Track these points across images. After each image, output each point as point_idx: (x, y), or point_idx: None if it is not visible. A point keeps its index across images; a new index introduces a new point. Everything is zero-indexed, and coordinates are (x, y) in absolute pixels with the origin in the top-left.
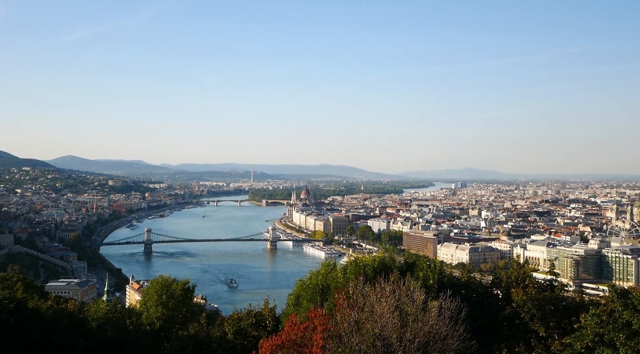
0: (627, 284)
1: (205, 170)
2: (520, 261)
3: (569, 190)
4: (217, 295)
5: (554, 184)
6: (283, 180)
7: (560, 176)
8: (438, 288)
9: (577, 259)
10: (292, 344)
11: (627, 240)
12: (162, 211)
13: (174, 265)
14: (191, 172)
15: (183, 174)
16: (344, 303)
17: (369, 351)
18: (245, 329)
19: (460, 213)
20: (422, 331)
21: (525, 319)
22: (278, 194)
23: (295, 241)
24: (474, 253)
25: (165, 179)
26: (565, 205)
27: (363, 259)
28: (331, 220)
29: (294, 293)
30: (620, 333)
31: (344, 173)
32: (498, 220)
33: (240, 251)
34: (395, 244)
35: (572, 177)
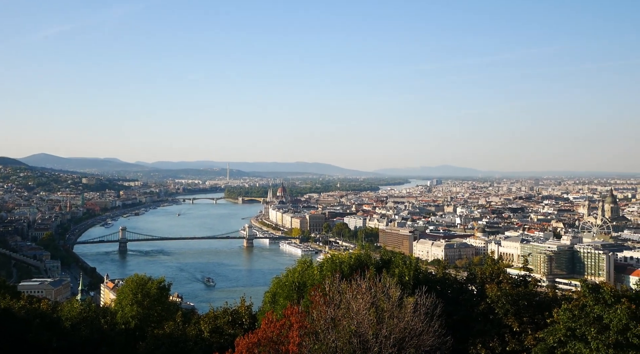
0: (599, 279)
1: (181, 167)
2: (494, 257)
3: (542, 186)
4: (194, 293)
5: (527, 181)
6: (259, 177)
7: (534, 173)
8: (414, 285)
9: (550, 255)
10: (269, 342)
11: (598, 236)
12: (137, 209)
13: (149, 264)
14: (166, 170)
15: (158, 172)
16: (320, 300)
17: (345, 347)
18: (222, 327)
19: (436, 210)
20: (398, 327)
21: (500, 314)
22: (254, 192)
23: (271, 239)
24: (449, 250)
25: (140, 177)
26: (538, 201)
27: (339, 256)
28: (307, 218)
29: (270, 290)
30: (592, 327)
31: (321, 170)
32: (473, 217)
33: (216, 249)
34: (372, 241)
35: (546, 174)
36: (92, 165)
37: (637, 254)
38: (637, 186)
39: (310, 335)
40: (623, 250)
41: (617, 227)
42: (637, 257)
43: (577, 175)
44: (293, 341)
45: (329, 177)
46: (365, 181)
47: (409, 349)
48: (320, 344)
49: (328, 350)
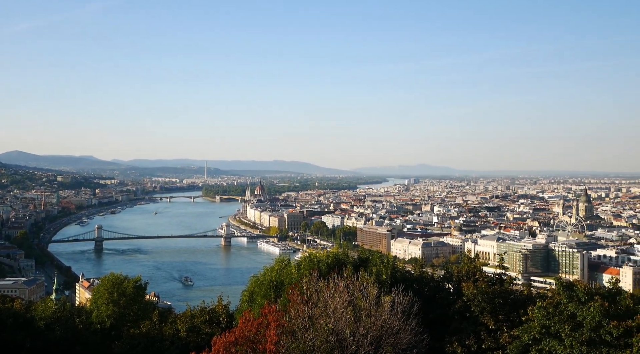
0: (573, 277)
1: (158, 166)
2: (471, 255)
3: (518, 186)
4: (171, 292)
5: (503, 180)
6: (237, 176)
7: (510, 172)
8: (391, 283)
9: (525, 253)
10: (246, 341)
11: (573, 234)
12: (113, 207)
13: (125, 263)
14: (143, 168)
15: (135, 170)
16: (298, 299)
17: (323, 346)
18: (199, 326)
19: (413, 209)
20: (375, 325)
21: (476, 312)
22: (232, 190)
23: (249, 238)
24: (426, 248)
25: (116, 175)
26: (514, 200)
27: (317, 255)
28: (285, 216)
29: (247, 289)
30: (566, 324)
31: (299, 169)
32: (450, 216)
33: (193, 247)
34: (350, 240)
35: (521, 173)
36: (67, 162)
37: (610, 252)
38: (611, 186)
39: (287, 334)
40: (597, 248)
41: (591, 226)
42: (610, 255)
43: (552, 174)
44: (270, 339)
45: (307, 175)
46: (344, 180)
47: (386, 347)
48: (297, 343)
49: (305, 349)
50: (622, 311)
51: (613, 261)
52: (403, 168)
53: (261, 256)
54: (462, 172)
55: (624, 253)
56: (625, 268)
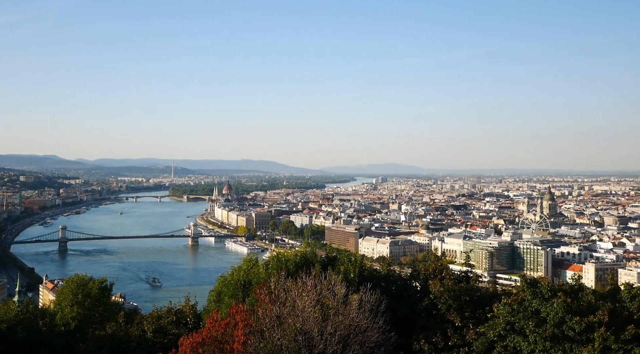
0: (537, 274)
1: (124, 165)
2: (437, 253)
3: (484, 184)
4: (137, 293)
5: (470, 178)
6: (205, 175)
7: (476, 171)
8: (359, 282)
9: (491, 251)
10: (213, 341)
11: (537, 232)
12: (78, 208)
13: (90, 263)
14: (108, 168)
15: (100, 169)
16: (266, 298)
17: (291, 345)
18: (165, 327)
19: (381, 208)
20: (343, 324)
21: (442, 310)
22: (200, 190)
23: (217, 237)
24: (394, 247)
25: (81, 175)
26: (480, 198)
27: (285, 254)
28: (254, 216)
29: (215, 289)
30: (530, 320)
31: (267, 168)
32: (417, 214)
33: (160, 248)
34: (318, 239)
35: (487, 171)
36: (30, 162)
37: (574, 249)
38: (574, 184)
39: (255, 333)
40: (560, 245)
41: (555, 223)
42: (573, 252)
43: (517, 172)
44: (238, 339)
45: (276, 174)
46: (312, 179)
47: (354, 345)
48: (265, 342)
49: (273, 348)
50: (584, 307)
51: (576, 258)
52: (371, 167)
53: (229, 255)
54: (429, 170)
55: (586, 250)
56: (588, 265)
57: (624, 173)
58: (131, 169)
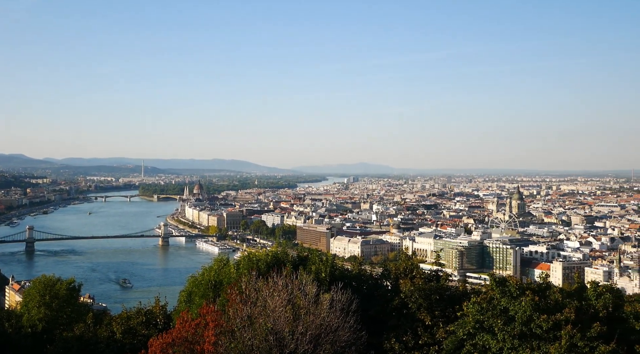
0: (506, 273)
1: (93, 164)
2: (408, 253)
3: (454, 184)
4: (107, 293)
5: (440, 178)
6: (175, 174)
7: (447, 170)
8: (330, 281)
9: (461, 250)
10: (183, 342)
11: (506, 231)
12: (46, 207)
13: (58, 264)
14: (77, 167)
15: (68, 169)
16: (237, 298)
17: (262, 345)
18: (135, 328)
19: (353, 207)
20: (314, 324)
21: (413, 309)
22: (170, 189)
23: (188, 237)
24: (365, 246)
25: (48, 174)
26: (450, 198)
27: (256, 254)
28: (225, 215)
29: (185, 289)
30: (499, 319)
31: (238, 167)
32: (388, 214)
33: (130, 248)
34: (289, 238)
35: (457, 171)
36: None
37: (542, 248)
38: (542, 184)
39: (226, 334)
40: (529, 244)
41: (524, 223)
42: (541, 251)
43: (487, 172)
44: (208, 340)
45: (247, 174)
46: (283, 178)
47: (325, 345)
48: (236, 342)
49: (244, 348)
50: (552, 305)
51: (544, 257)
52: (342, 166)
53: (200, 255)
54: (400, 170)
55: (554, 249)
56: (556, 263)
57: (590, 173)
58: (100, 168)
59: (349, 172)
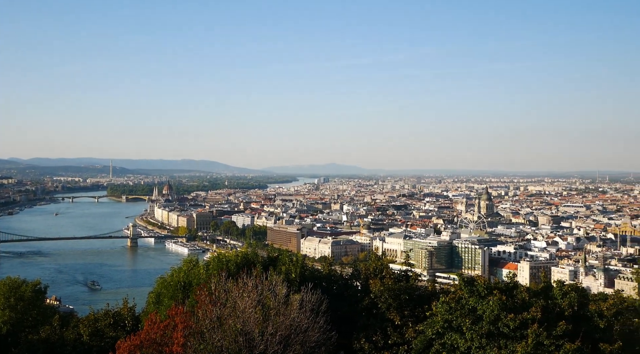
0: (475, 272)
1: (60, 164)
2: (378, 253)
3: (424, 184)
4: (74, 295)
5: (410, 179)
6: (144, 175)
7: (416, 171)
8: (300, 282)
9: (430, 250)
10: (152, 343)
11: (475, 231)
12: (11, 208)
13: (24, 266)
14: (44, 167)
15: (34, 169)
16: (206, 300)
17: (231, 346)
18: (102, 330)
19: (323, 208)
20: (284, 324)
21: (382, 308)
22: (139, 190)
23: (157, 238)
24: (335, 247)
25: (14, 174)
26: (420, 199)
27: (226, 254)
28: (194, 216)
29: (154, 291)
30: (467, 318)
31: (208, 168)
32: (359, 214)
33: (98, 249)
34: (260, 239)
35: (427, 172)
36: None
37: (509, 248)
38: (510, 185)
39: (195, 335)
40: (497, 244)
41: (492, 223)
42: (509, 251)
43: (456, 173)
44: (177, 341)
45: (217, 174)
46: (254, 179)
47: (295, 345)
48: (205, 344)
49: (213, 350)
50: (519, 304)
51: (512, 257)
52: (313, 167)
53: (169, 257)
54: (370, 171)
55: (521, 249)
56: (523, 263)
57: (556, 174)
58: (67, 169)
59: (319, 173)
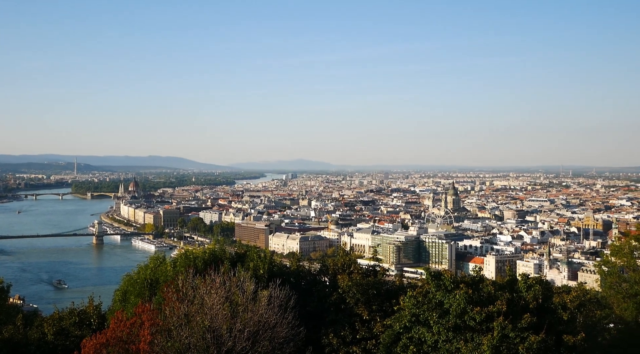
0: (442, 267)
1: (22, 161)
2: (346, 248)
3: (391, 180)
4: (39, 294)
5: (378, 174)
6: (110, 172)
7: (384, 167)
8: (268, 278)
9: (398, 245)
10: (118, 342)
11: (442, 226)
12: None
13: None
14: (5, 164)
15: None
16: (173, 297)
17: (199, 344)
18: (67, 329)
19: (291, 204)
20: (252, 320)
21: (350, 304)
22: (104, 187)
23: (123, 235)
24: (304, 242)
25: None
26: (388, 194)
27: (194, 251)
28: (161, 213)
29: (120, 288)
30: (434, 312)
31: (174, 164)
32: (327, 210)
33: (63, 247)
34: (228, 235)
35: (395, 167)
36: None
37: (476, 242)
38: (476, 180)
39: (162, 333)
40: (463, 239)
41: (458, 218)
42: (475, 245)
43: (423, 168)
44: (144, 339)
45: (184, 171)
46: (221, 175)
47: (263, 342)
48: (172, 341)
49: (181, 347)
50: (485, 298)
51: (478, 251)
52: (281, 163)
53: (136, 254)
54: (338, 166)
55: (487, 243)
56: (489, 257)
57: (521, 169)
58: (30, 165)
59: (287, 169)
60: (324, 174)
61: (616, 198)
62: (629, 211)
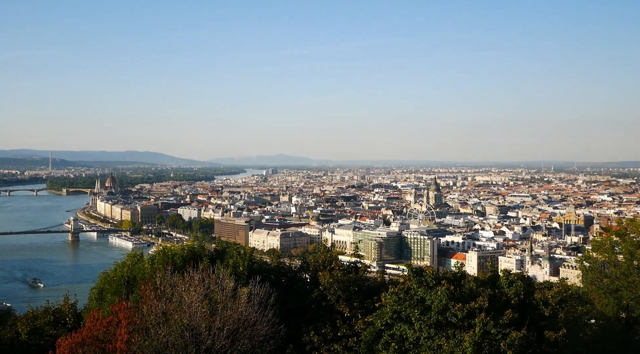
0: (424, 263)
1: None
2: (328, 245)
3: (373, 175)
4: (13, 293)
5: (359, 170)
6: (86, 167)
7: (365, 162)
8: (248, 275)
9: (380, 241)
10: (94, 341)
11: (424, 222)
12: None
13: None
14: None
15: None
16: (151, 295)
17: (177, 342)
18: (42, 328)
19: (272, 200)
20: (232, 318)
21: (332, 301)
22: (80, 182)
23: (99, 232)
24: (284, 239)
25: None
26: (369, 190)
27: (172, 248)
28: (139, 209)
29: (97, 286)
30: (416, 309)
31: (152, 159)
32: (308, 206)
33: (37, 244)
34: (207, 232)
35: (376, 163)
36: None
37: (458, 238)
38: (458, 175)
39: (140, 331)
40: (445, 235)
41: (440, 213)
42: (457, 241)
43: (404, 164)
44: (121, 338)
45: (162, 166)
46: (200, 170)
47: (243, 340)
48: (150, 340)
49: (159, 345)
50: (467, 294)
51: (460, 247)
52: (261, 158)
53: (113, 251)
54: (319, 162)
55: (469, 239)
56: (471, 253)
57: (503, 164)
58: (3, 161)
59: (268, 164)
60: (304, 169)
61: (597, 193)
62: (610, 206)
